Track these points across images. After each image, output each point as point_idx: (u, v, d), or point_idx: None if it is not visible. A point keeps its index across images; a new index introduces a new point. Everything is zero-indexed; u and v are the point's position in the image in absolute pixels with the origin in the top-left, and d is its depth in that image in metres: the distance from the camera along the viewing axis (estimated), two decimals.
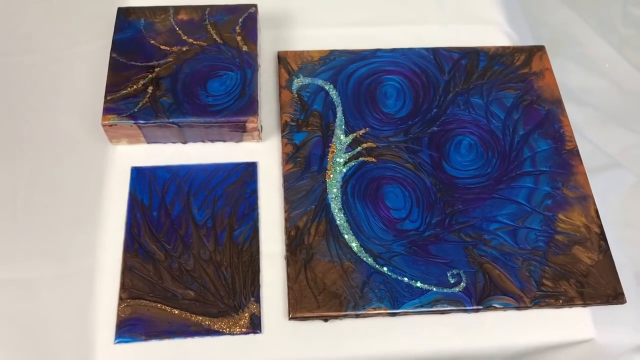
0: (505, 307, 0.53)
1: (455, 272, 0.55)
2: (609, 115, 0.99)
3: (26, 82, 0.67)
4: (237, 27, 0.64)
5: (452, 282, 0.54)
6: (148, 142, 0.62)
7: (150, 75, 0.60)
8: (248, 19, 0.64)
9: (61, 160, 0.62)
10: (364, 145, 0.61)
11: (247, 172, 0.60)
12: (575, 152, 0.62)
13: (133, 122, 0.58)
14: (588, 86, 1.02)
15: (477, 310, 0.54)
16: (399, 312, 0.53)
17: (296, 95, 0.64)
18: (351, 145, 0.61)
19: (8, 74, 0.67)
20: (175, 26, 0.64)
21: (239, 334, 0.53)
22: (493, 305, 0.53)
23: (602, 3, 1.10)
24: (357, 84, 0.65)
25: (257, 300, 0.54)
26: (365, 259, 0.55)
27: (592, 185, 0.61)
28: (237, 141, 0.62)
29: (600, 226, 0.58)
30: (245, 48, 0.63)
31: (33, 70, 0.67)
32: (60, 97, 0.65)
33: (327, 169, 0.59)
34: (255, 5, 0.66)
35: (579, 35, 1.07)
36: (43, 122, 0.64)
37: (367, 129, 0.62)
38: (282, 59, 0.66)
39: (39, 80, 0.67)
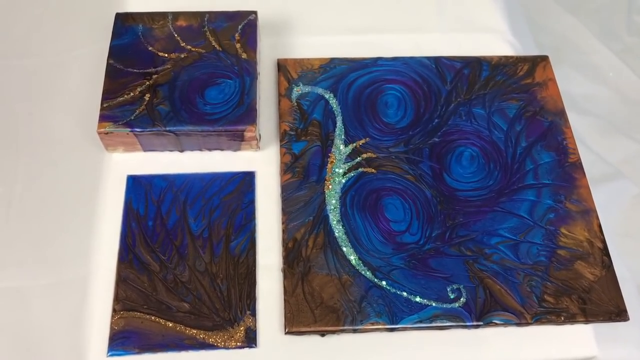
0: (506, 323, 0.52)
1: (455, 287, 0.54)
2: (612, 124, 0.98)
3: (22, 86, 0.66)
4: (237, 34, 0.63)
5: (452, 297, 0.53)
6: (144, 150, 0.61)
7: (148, 83, 0.59)
8: (247, 26, 0.64)
9: (56, 166, 0.61)
10: (364, 155, 0.60)
11: (245, 182, 0.59)
12: (578, 165, 0.61)
13: (129, 130, 0.57)
14: (591, 95, 1.01)
15: (477, 327, 0.53)
16: (398, 328, 0.52)
17: (296, 103, 0.63)
18: (351, 156, 0.60)
19: (4, 77, 0.66)
20: (174, 32, 0.63)
21: (234, 348, 0.52)
22: (493, 321, 0.52)
23: (606, 11, 1.10)
24: (357, 92, 0.64)
25: (253, 313, 0.53)
26: (363, 272, 0.54)
27: (594, 196, 0.59)
28: (235, 150, 0.61)
29: (603, 241, 0.57)
30: (244, 55, 0.62)
31: (29, 74, 0.66)
32: (56, 101, 0.65)
33: (326, 180, 0.58)
34: (255, 12, 0.65)
35: (583, 44, 1.06)
36: (38, 127, 0.63)
37: (367, 139, 0.61)
38: (282, 66, 0.65)
39: (35, 84, 0.66)
